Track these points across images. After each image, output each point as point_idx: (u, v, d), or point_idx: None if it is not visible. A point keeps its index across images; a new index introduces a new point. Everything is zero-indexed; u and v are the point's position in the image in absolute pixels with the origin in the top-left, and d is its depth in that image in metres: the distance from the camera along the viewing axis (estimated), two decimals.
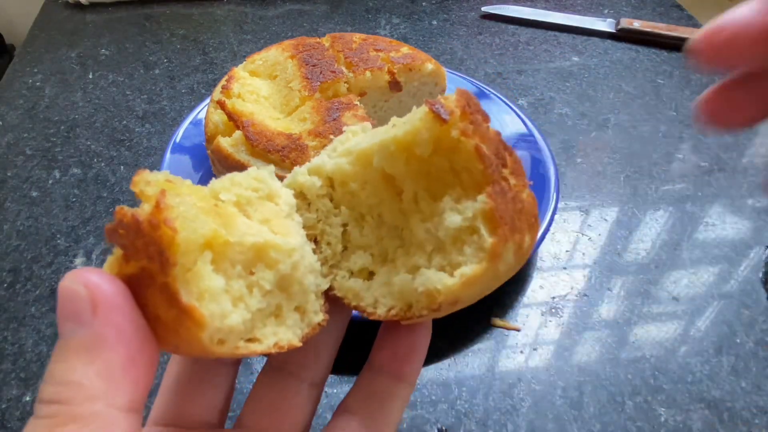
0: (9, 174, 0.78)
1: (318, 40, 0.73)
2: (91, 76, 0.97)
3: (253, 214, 0.29)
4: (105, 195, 0.74)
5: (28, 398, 0.53)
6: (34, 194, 0.75)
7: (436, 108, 0.26)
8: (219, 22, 1.13)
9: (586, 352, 0.57)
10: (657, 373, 0.55)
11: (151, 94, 0.93)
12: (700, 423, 0.51)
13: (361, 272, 0.31)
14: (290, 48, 0.71)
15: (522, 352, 0.57)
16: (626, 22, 1.05)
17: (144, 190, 0.24)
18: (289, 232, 0.29)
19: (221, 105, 0.63)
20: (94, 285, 0.22)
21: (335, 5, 1.17)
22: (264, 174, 0.30)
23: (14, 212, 0.72)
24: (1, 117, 0.88)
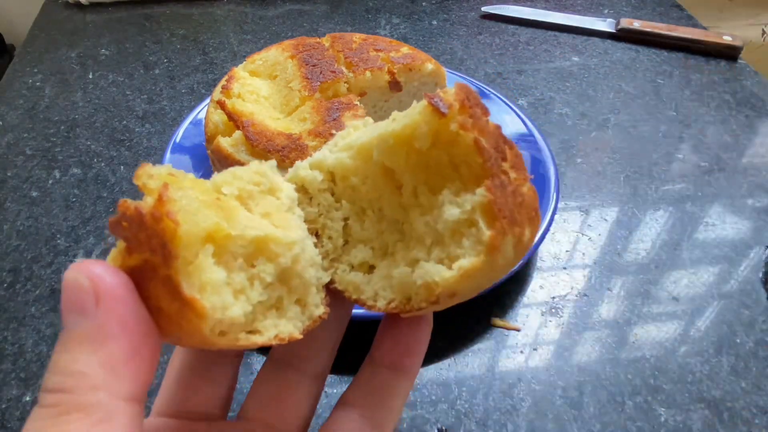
0: (9, 174, 0.78)
1: (318, 40, 0.73)
2: (91, 76, 0.97)
3: (255, 207, 0.29)
4: (105, 195, 0.74)
5: (28, 398, 0.53)
6: (34, 194, 0.75)
7: (435, 101, 0.26)
8: (219, 22, 1.13)
9: (586, 352, 0.57)
10: (657, 373, 0.55)
11: (151, 94, 0.93)
12: (700, 423, 0.51)
13: (361, 266, 0.31)
14: (290, 48, 0.71)
15: (522, 352, 0.57)
16: (626, 22, 1.05)
17: (147, 183, 0.24)
18: (290, 225, 0.29)
19: (221, 105, 0.63)
20: (97, 277, 0.22)
21: (335, 5, 1.17)
22: (266, 168, 0.31)
23: (14, 212, 0.72)
24: (1, 117, 0.88)
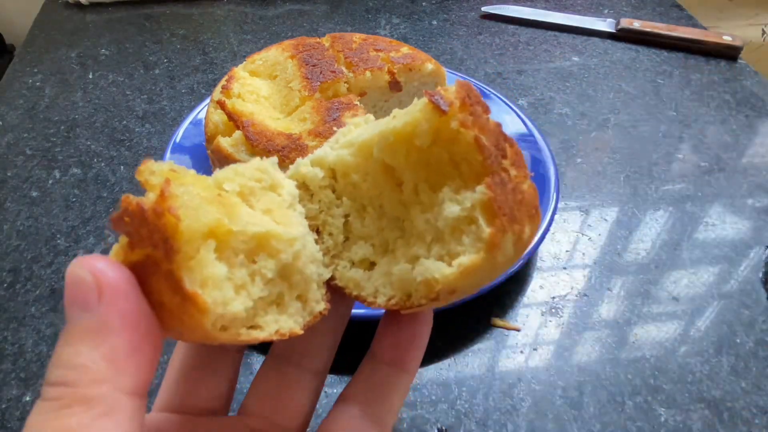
0: (9, 174, 0.78)
1: (318, 40, 0.73)
2: (91, 76, 0.97)
3: (256, 204, 0.29)
4: (105, 195, 0.74)
5: (28, 398, 0.53)
6: (34, 194, 0.75)
7: (436, 99, 0.26)
8: (219, 22, 1.13)
9: (586, 352, 0.57)
10: (657, 373, 0.55)
11: (151, 94, 0.93)
12: (700, 423, 0.51)
13: (362, 262, 0.32)
14: (290, 48, 0.71)
15: (522, 352, 0.57)
16: (626, 22, 1.05)
17: (149, 179, 0.24)
18: (291, 222, 0.29)
19: (221, 105, 0.63)
20: (99, 271, 0.22)
21: (335, 5, 1.17)
22: (267, 165, 0.31)
23: (14, 212, 0.72)
24: (1, 117, 0.88)
